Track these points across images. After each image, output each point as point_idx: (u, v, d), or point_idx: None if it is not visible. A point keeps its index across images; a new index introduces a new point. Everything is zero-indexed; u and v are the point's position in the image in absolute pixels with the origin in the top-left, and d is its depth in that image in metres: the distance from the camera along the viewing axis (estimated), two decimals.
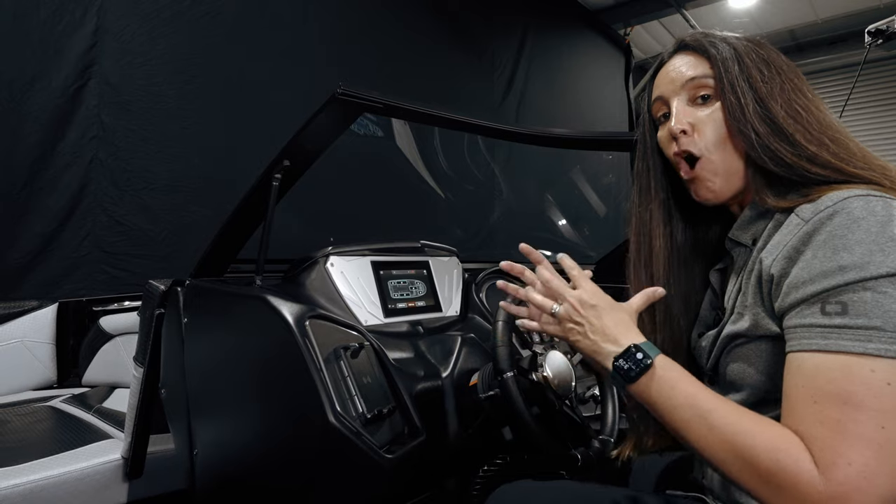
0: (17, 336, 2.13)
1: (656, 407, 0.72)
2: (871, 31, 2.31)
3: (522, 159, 4.25)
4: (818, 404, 0.61)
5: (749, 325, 0.73)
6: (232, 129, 2.60)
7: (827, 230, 0.64)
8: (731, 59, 0.77)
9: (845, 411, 0.59)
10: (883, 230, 0.61)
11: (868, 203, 0.63)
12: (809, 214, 0.67)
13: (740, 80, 0.76)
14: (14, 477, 1.34)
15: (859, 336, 0.60)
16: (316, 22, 2.99)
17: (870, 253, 0.61)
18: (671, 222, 0.90)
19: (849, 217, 0.63)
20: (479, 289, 1.66)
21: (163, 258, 2.39)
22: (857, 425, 0.58)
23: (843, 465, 0.58)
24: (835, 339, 0.61)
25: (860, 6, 5.22)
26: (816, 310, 0.63)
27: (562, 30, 5.04)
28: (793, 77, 0.77)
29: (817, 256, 0.64)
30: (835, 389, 0.60)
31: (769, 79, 0.75)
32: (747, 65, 0.76)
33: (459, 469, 1.32)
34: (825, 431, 0.60)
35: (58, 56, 2.17)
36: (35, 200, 2.15)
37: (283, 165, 1.25)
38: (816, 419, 0.61)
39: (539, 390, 1.11)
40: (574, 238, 4.28)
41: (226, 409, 1.29)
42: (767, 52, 0.79)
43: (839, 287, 0.62)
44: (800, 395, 0.63)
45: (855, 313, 0.61)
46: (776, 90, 0.74)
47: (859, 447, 0.58)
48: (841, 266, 0.62)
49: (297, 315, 1.10)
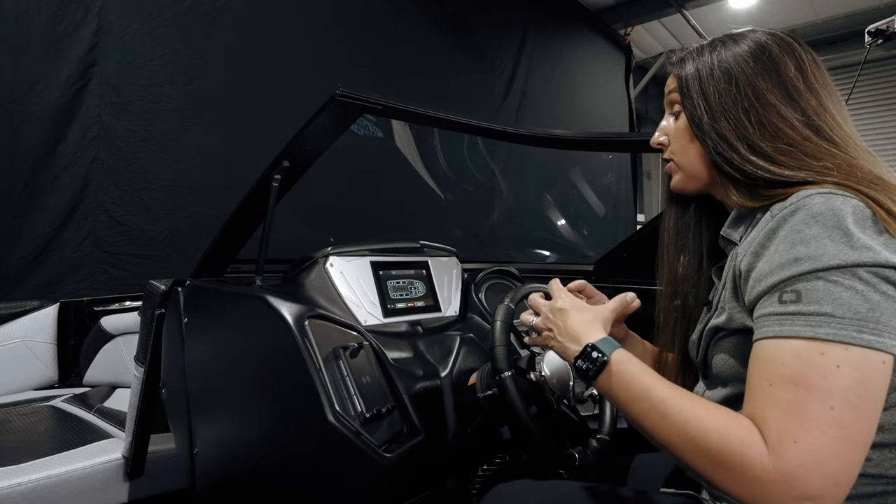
0: (18, 336, 2.13)
1: (617, 400, 0.77)
2: (871, 31, 2.31)
3: (522, 160, 4.25)
4: (772, 387, 0.64)
5: (725, 318, 0.77)
6: (233, 130, 2.61)
7: (788, 226, 0.68)
8: (692, 77, 0.84)
9: (796, 393, 0.62)
10: (838, 225, 0.65)
11: (828, 200, 0.67)
12: (777, 210, 0.71)
13: (697, 97, 0.83)
14: (15, 476, 1.35)
15: (811, 322, 0.63)
16: (316, 22, 3.00)
17: (824, 246, 0.64)
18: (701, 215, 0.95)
19: (808, 213, 0.67)
20: (478, 289, 1.67)
21: (163, 258, 2.40)
22: (807, 406, 0.61)
23: (790, 443, 0.60)
24: (788, 326, 0.64)
25: (860, 6, 5.23)
26: (775, 299, 0.67)
27: (562, 29, 5.04)
28: (754, 85, 0.79)
29: (778, 250, 0.68)
30: (787, 372, 0.63)
31: (724, 92, 0.80)
32: (706, 82, 0.82)
33: (458, 468, 1.33)
34: (776, 412, 0.63)
35: (59, 56, 2.17)
36: (36, 200, 2.16)
37: (283, 166, 1.25)
38: (770, 401, 0.64)
39: (537, 390, 1.11)
40: (573, 238, 4.29)
41: (226, 408, 1.30)
42: (739, 60, 0.81)
43: (794, 277, 0.65)
44: (756, 380, 0.67)
45: (808, 301, 0.64)
46: (729, 104, 0.80)
47: (807, 426, 0.60)
48: (797, 258, 0.65)
49: (297, 315, 1.10)
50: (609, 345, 0.79)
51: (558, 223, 4.18)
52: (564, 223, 4.22)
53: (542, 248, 4.12)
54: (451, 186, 3.72)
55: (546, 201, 4.15)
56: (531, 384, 1.11)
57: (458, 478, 1.34)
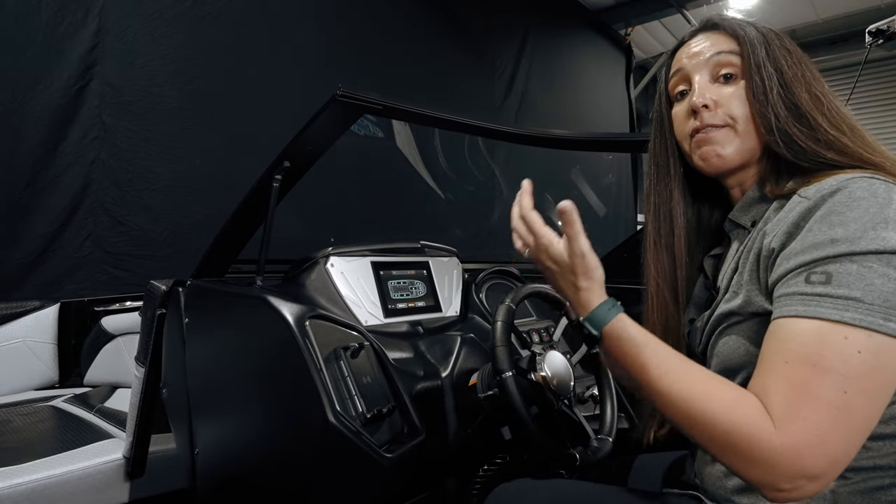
0: (18, 336, 2.13)
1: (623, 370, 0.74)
2: (871, 31, 2.31)
3: (522, 160, 4.25)
4: (788, 364, 0.63)
5: (742, 302, 0.74)
6: (233, 130, 2.61)
7: (827, 206, 0.65)
8: (758, 41, 0.79)
9: (813, 373, 0.61)
10: (880, 211, 0.63)
11: (871, 185, 0.65)
12: (813, 192, 0.68)
13: (767, 62, 0.77)
14: (16, 476, 1.35)
15: (838, 305, 0.61)
16: (316, 22, 3.00)
17: (863, 230, 0.62)
18: (688, 200, 0.91)
19: (850, 196, 0.64)
20: (478, 289, 1.67)
21: (164, 258, 2.40)
22: (821, 387, 0.60)
23: (800, 420, 0.60)
24: (814, 307, 0.63)
25: (861, 6, 5.22)
26: (801, 279, 0.64)
27: (563, 30, 5.04)
28: (812, 67, 0.79)
29: (812, 230, 0.65)
30: (806, 352, 0.62)
31: (793, 64, 0.77)
32: (774, 49, 0.78)
33: (459, 468, 1.33)
34: (788, 388, 0.62)
35: (60, 57, 2.17)
36: (37, 200, 2.16)
37: (284, 166, 1.25)
38: (784, 377, 0.63)
39: (538, 390, 1.11)
40: None
41: (227, 408, 1.30)
42: (788, 42, 0.81)
43: (827, 258, 0.63)
44: (771, 357, 0.65)
45: (837, 283, 0.62)
46: (799, 75, 0.76)
47: (817, 407, 0.60)
48: (833, 239, 0.63)
49: (298, 315, 1.10)
50: (603, 317, 0.75)
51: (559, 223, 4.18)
52: None
53: None
54: (452, 186, 3.72)
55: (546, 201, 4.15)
56: (532, 384, 1.11)
57: (459, 478, 1.34)
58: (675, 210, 0.90)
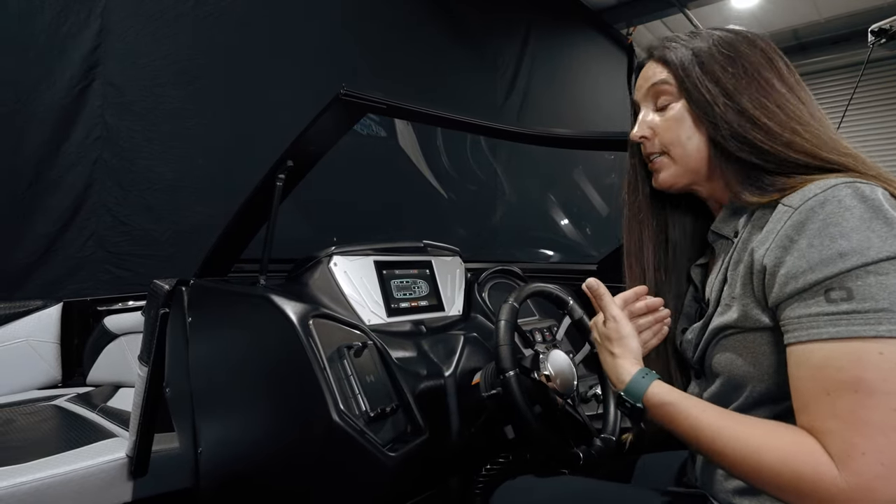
0: (21, 335, 2.13)
1: (674, 433, 0.75)
2: (874, 31, 2.31)
3: (524, 159, 4.25)
4: (830, 396, 0.61)
5: (738, 316, 0.73)
6: (236, 130, 2.61)
7: (820, 218, 0.64)
8: (689, 61, 0.80)
9: (857, 399, 0.59)
10: (876, 215, 0.62)
11: (856, 190, 0.64)
12: (798, 202, 0.67)
13: (702, 79, 0.78)
14: (20, 475, 1.35)
15: (869, 319, 0.60)
16: (318, 22, 3.00)
17: (867, 238, 0.61)
18: (659, 215, 0.94)
19: (840, 205, 0.64)
20: (481, 288, 1.67)
21: (167, 258, 2.40)
22: (869, 412, 0.58)
23: (858, 455, 0.58)
24: (845, 326, 0.61)
25: (863, 5, 5.21)
26: (821, 298, 0.63)
27: (564, 29, 5.04)
28: (762, 71, 0.77)
29: (814, 245, 0.64)
30: (845, 378, 0.60)
31: (734, 75, 0.77)
32: (709, 64, 0.78)
33: (462, 467, 1.33)
34: (839, 424, 0.60)
35: (62, 57, 2.18)
36: (40, 200, 2.16)
37: (287, 166, 1.25)
38: (830, 412, 0.61)
39: (541, 389, 1.11)
40: (576, 238, 4.28)
41: (230, 407, 1.30)
42: (736, 48, 0.79)
43: (842, 273, 0.62)
44: (811, 389, 0.63)
45: (861, 297, 0.60)
46: (742, 85, 0.76)
47: (871, 434, 0.58)
48: (841, 253, 0.62)
49: (301, 314, 1.11)
50: (638, 387, 0.77)
51: (561, 222, 4.17)
52: (567, 222, 4.21)
53: (545, 248, 4.12)
54: (454, 186, 3.72)
55: (549, 200, 4.15)
56: (535, 383, 1.11)
57: (462, 477, 1.34)
58: (643, 224, 0.94)
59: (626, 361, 0.81)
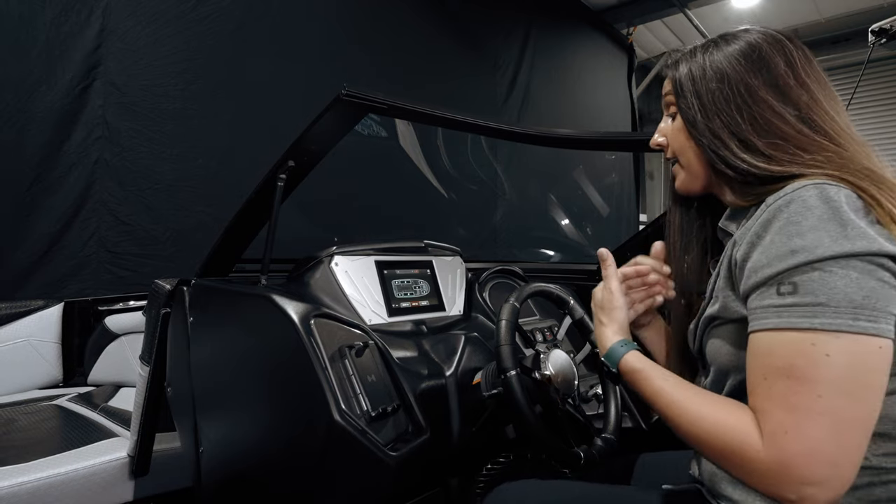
0: (23, 335, 2.14)
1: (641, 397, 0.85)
2: (874, 31, 2.30)
3: (525, 159, 4.25)
4: (767, 380, 0.68)
5: (719, 307, 0.79)
6: (236, 129, 2.61)
7: (784, 217, 0.69)
8: (686, 78, 0.85)
9: (788, 385, 0.65)
10: (833, 216, 0.66)
11: (822, 191, 0.68)
12: (771, 201, 0.72)
13: (691, 97, 0.84)
14: (21, 475, 1.36)
15: (807, 313, 0.65)
16: (318, 22, 3.00)
17: (819, 238, 0.65)
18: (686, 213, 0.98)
19: (803, 205, 0.68)
20: (482, 288, 1.67)
21: (168, 258, 2.41)
22: (798, 397, 0.64)
23: (782, 433, 0.64)
24: (786, 317, 0.66)
25: (864, 5, 5.21)
26: (773, 291, 0.68)
27: (565, 29, 5.03)
28: (746, 83, 0.80)
29: (774, 242, 0.69)
30: (780, 364, 0.66)
31: (717, 91, 0.81)
32: (699, 82, 0.84)
33: (463, 467, 1.33)
34: (771, 405, 0.67)
35: (63, 57, 2.18)
36: (41, 200, 2.17)
37: (288, 166, 1.25)
38: (766, 395, 0.68)
39: (542, 389, 1.11)
40: (576, 237, 4.29)
41: (231, 407, 1.30)
42: (725, 62, 0.83)
43: (791, 269, 0.66)
44: (756, 373, 0.70)
45: (804, 292, 0.65)
46: (721, 103, 0.81)
47: (797, 417, 0.64)
48: (793, 250, 0.67)
49: (303, 314, 1.11)
50: (615, 354, 0.89)
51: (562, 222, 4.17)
52: (568, 222, 4.21)
53: (545, 248, 4.12)
54: (455, 186, 3.72)
55: (549, 200, 4.15)
56: (536, 383, 1.11)
57: (463, 477, 1.34)
58: (673, 222, 1.00)
59: (611, 330, 0.93)
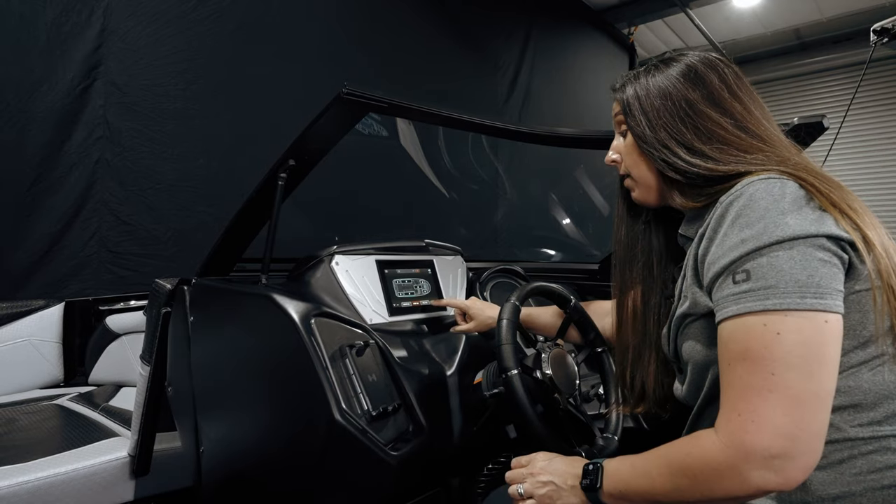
0: (24, 335, 2.14)
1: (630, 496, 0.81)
2: (876, 30, 2.31)
3: (526, 158, 4.25)
4: (730, 366, 0.71)
5: (689, 304, 0.82)
6: (237, 129, 2.61)
7: (734, 210, 0.75)
8: (632, 98, 0.92)
9: (744, 367, 0.69)
10: (777, 206, 0.72)
11: (767, 185, 0.74)
12: (723, 198, 0.78)
13: (639, 114, 0.91)
14: (22, 474, 1.36)
15: (759, 296, 0.69)
16: (319, 22, 3.00)
17: (765, 226, 0.71)
18: (643, 225, 1.04)
19: (751, 198, 0.74)
20: (483, 287, 1.67)
21: (169, 258, 2.41)
22: (752, 377, 0.68)
23: (735, 417, 0.68)
24: (742, 303, 0.70)
25: (865, 5, 5.20)
26: (729, 280, 0.73)
27: (566, 29, 5.03)
28: (686, 98, 0.87)
29: (727, 234, 0.74)
30: (738, 349, 0.70)
31: (661, 107, 0.88)
32: (644, 101, 0.91)
33: (464, 467, 1.33)
34: (732, 391, 0.70)
35: (64, 57, 2.18)
36: (42, 200, 2.17)
37: (289, 165, 1.25)
38: (728, 382, 0.71)
39: (543, 388, 1.11)
40: (578, 237, 4.28)
41: (232, 406, 1.30)
42: (666, 81, 0.90)
43: (742, 257, 0.71)
44: (722, 362, 0.73)
45: (756, 277, 0.70)
46: (666, 117, 0.88)
47: (748, 396, 0.67)
48: (743, 239, 0.72)
49: (303, 313, 1.11)
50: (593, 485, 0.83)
51: (563, 222, 4.17)
52: (569, 222, 4.21)
53: (546, 247, 4.12)
54: (456, 185, 3.72)
55: (550, 200, 4.14)
56: (537, 382, 1.11)
57: (464, 476, 1.34)
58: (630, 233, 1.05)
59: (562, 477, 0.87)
